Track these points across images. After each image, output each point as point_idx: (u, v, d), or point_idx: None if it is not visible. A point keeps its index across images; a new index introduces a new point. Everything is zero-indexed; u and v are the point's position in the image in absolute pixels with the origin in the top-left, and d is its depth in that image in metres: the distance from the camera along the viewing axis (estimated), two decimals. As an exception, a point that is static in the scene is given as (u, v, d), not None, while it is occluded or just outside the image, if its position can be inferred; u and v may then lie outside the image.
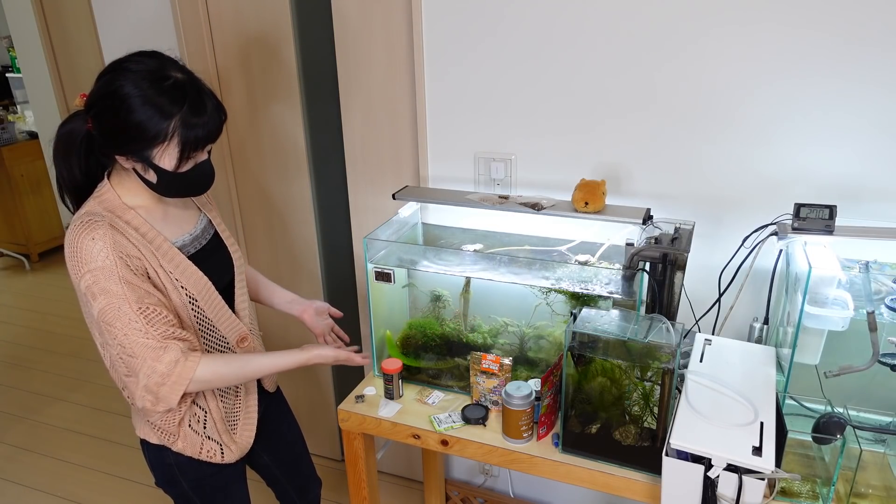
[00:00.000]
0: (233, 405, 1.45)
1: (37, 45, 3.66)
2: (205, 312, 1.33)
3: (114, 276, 1.17)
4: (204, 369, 1.23)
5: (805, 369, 1.37)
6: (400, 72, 1.85)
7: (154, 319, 1.20)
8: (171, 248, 1.28)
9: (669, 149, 1.61)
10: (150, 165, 1.19)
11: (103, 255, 1.16)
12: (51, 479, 2.63)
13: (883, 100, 1.41)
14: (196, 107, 1.18)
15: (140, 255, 1.22)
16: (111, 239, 1.17)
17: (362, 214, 2.10)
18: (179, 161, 1.19)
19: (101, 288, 1.17)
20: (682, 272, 1.39)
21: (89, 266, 1.16)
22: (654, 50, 1.54)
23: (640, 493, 1.35)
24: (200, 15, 2.04)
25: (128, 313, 1.17)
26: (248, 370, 1.33)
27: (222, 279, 1.40)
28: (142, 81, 1.15)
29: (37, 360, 3.54)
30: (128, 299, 1.17)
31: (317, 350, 1.41)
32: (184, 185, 1.25)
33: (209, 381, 1.25)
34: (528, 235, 1.75)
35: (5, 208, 4.60)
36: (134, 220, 1.24)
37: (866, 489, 1.26)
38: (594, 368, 1.37)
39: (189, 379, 1.21)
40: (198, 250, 1.35)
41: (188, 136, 1.17)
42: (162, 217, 1.30)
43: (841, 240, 1.38)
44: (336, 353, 1.44)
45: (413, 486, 2.49)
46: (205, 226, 1.41)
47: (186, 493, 1.45)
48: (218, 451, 1.42)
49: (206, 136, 1.20)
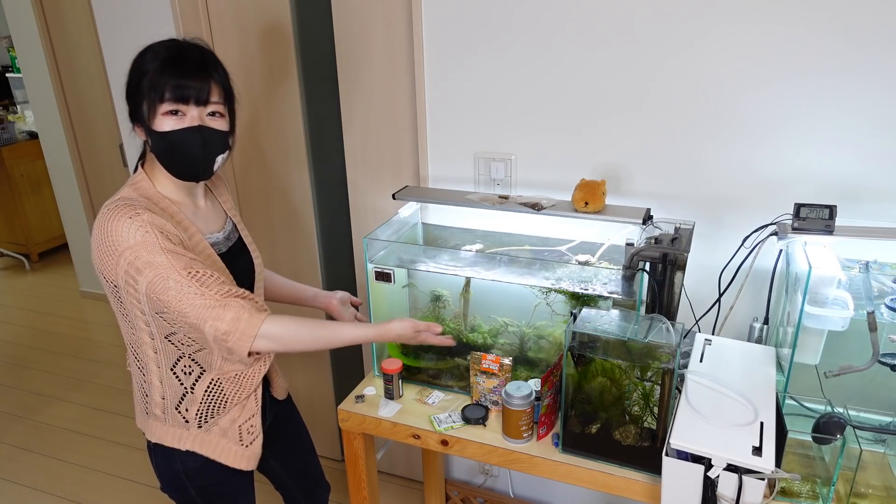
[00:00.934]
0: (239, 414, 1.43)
1: (37, 45, 3.65)
2: None
3: (155, 247, 1.15)
4: (271, 324, 1.20)
5: (805, 369, 1.37)
6: (400, 72, 1.85)
7: (207, 282, 1.18)
8: (203, 241, 1.29)
9: (669, 149, 1.61)
10: (143, 127, 1.22)
11: (141, 231, 1.15)
12: (51, 479, 2.63)
13: (883, 100, 1.41)
14: (173, 62, 1.19)
15: (179, 236, 1.21)
16: (147, 217, 1.17)
17: (362, 214, 2.10)
18: (150, 111, 1.19)
19: (145, 262, 1.14)
20: (682, 272, 1.39)
21: (127, 244, 1.15)
22: (655, 50, 1.54)
23: (640, 493, 1.35)
24: (200, 15, 2.04)
25: (178, 281, 1.15)
26: (324, 333, 1.29)
27: (244, 284, 1.40)
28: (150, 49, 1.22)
29: (37, 360, 3.54)
30: (175, 268, 1.15)
31: (397, 324, 1.38)
32: (171, 153, 1.23)
33: (280, 337, 1.22)
34: (528, 235, 1.75)
35: (5, 208, 4.60)
36: (170, 208, 1.26)
37: (866, 489, 1.26)
38: (594, 368, 1.37)
39: (253, 335, 1.18)
40: (225, 251, 1.37)
41: (156, 82, 1.18)
42: (193, 213, 1.32)
43: (841, 240, 1.38)
44: (414, 325, 1.39)
45: (413, 486, 2.49)
46: (232, 228, 1.43)
47: (194, 499, 1.44)
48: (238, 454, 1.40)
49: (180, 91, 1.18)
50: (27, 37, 3.68)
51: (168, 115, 1.20)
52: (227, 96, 1.27)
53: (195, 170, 1.26)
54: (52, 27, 3.62)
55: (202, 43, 1.27)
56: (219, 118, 1.26)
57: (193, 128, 1.22)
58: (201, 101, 1.21)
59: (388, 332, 1.38)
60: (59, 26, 3.60)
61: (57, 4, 3.55)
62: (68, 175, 3.95)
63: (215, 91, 1.23)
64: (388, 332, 1.38)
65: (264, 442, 1.55)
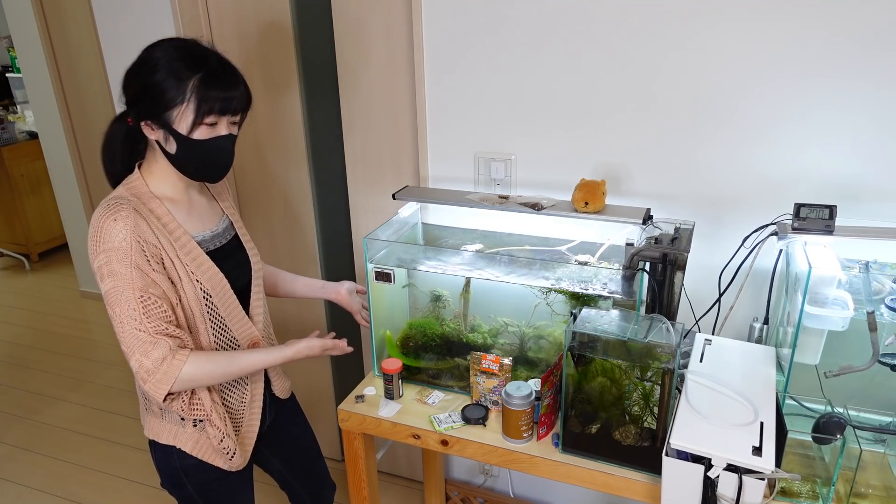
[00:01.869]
0: (237, 410, 1.45)
1: (37, 45, 3.66)
2: (218, 310, 1.34)
3: (126, 258, 1.19)
4: (190, 367, 1.22)
5: (805, 369, 1.37)
6: (400, 71, 1.85)
7: (151, 311, 1.21)
8: (191, 241, 1.30)
9: (669, 149, 1.61)
10: (169, 131, 1.22)
11: (121, 237, 1.19)
12: (51, 479, 2.63)
13: (883, 100, 1.41)
14: (215, 74, 1.22)
15: (158, 244, 1.24)
16: (133, 222, 1.20)
17: (362, 214, 2.10)
18: (193, 124, 1.21)
19: (111, 269, 1.19)
20: (682, 272, 1.39)
21: (106, 245, 1.19)
22: (655, 50, 1.54)
23: (640, 493, 1.35)
24: (200, 15, 2.04)
25: (129, 300, 1.19)
26: (235, 367, 1.31)
27: (239, 281, 1.41)
28: (171, 49, 1.22)
29: (37, 360, 3.54)
30: (133, 285, 1.19)
31: (304, 342, 1.41)
32: (201, 159, 1.26)
33: (196, 379, 1.25)
34: (528, 235, 1.75)
35: (5, 208, 4.60)
36: (158, 209, 1.27)
37: (866, 489, 1.26)
38: (594, 368, 1.37)
39: (174, 377, 1.21)
40: (217, 248, 1.37)
41: (203, 97, 1.20)
42: (186, 210, 1.33)
43: (841, 240, 1.38)
44: (322, 343, 1.44)
45: (413, 486, 2.49)
46: (227, 226, 1.44)
47: (192, 496, 1.45)
48: (231, 449, 1.42)
49: (224, 105, 1.23)
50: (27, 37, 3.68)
51: (203, 125, 1.23)
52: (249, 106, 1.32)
53: (222, 174, 1.31)
54: (52, 27, 3.62)
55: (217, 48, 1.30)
56: (235, 126, 1.30)
57: (226, 136, 1.27)
58: (237, 111, 1.27)
59: (297, 351, 1.40)
60: (59, 26, 3.60)
61: (57, 4, 3.55)
62: (68, 175, 3.95)
63: (245, 101, 1.29)
64: (297, 351, 1.40)
65: (266, 441, 1.55)
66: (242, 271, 1.43)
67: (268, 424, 1.54)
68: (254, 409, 1.47)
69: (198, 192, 1.40)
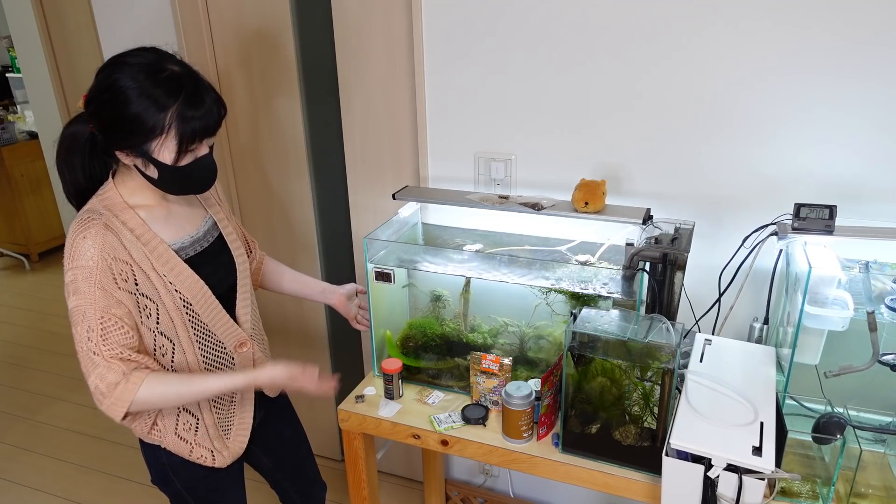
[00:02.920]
0: (227, 413, 1.45)
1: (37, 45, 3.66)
2: (200, 317, 1.32)
3: (91, 278, 1.18)
4: (144, 391, 1.21)
5: (805, 369, 1.37)
6: (400, 72, 1.85)
7: (110, 333, 1.19)
8: (167, 251, 1.27)
9: (669, 149, 1.61)
10: (149, 160, 1.18)
11: (88, 255, 1.18)
12: (51, 479, 2.63)
13: (883, 100, 1.41)
14: (193, 98, 1.17)
15: (129, 259, 1.21)
16: (101, 239, 1.18)
17: (362, 214, 2.10)
18: (178, 154, 1.18)
19: (77, 287, 1.18)
20: (682, 272, 1.39)
21: (75, 263, 1.18)
22: (655, 49, 1.54)
23: (640, 493, 1.35)
24: (200, 15, 2.04)
25: (90, 319, 1.18)
26: (193, 391, 1.27)
27: (223, 283, 1.39)
28: (138, 74, 1.15)
29: (37, 360, 3.54)
30: (95, 305, 1.18)
31: (268, 370, 1.34)
32: (185, 181, 1.24)
33: (152, 402, 1.24)
34: (528, 235, 1.75)
35: (5, 208, 4.60)
36: (131, 220, 1.24)
37: (866, 489, 1.26)
38: (594, 368, 1.37)
39: (129, 401, 1.20)
40: (198, 253, 1.34)
41: (185, 128, 1.16)
42: (164, 217, 1.30)
43: (841, 240, 1.38)
44: (288, 372, 1.35)
45: (413, 486, 2.49)
46: (209, 228, 1.39)
47: (181, 492, 1.45)
48: (209, 456, 1.42)
49: (204, 129, 1.19)
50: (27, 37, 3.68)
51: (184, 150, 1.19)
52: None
53: (208, 186, 1.29)
54: (52, 27, 3.62)
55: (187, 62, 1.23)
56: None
57: (205, 156, 1.24)
58: (217, 130, 1.23)
59: (257, 378, 1.34)
60: (59, 26, 3.60)
61: (57, 4, 3.55)
62: (68, 175, 3.95)
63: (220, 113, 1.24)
64: (257, 378, 1.34)
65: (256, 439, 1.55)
66: (226, 273, 1.40)
67: (257, 422, 1.54)
68: (245, 408, 1.47)
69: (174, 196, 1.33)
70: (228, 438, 1.45)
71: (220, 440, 1.43)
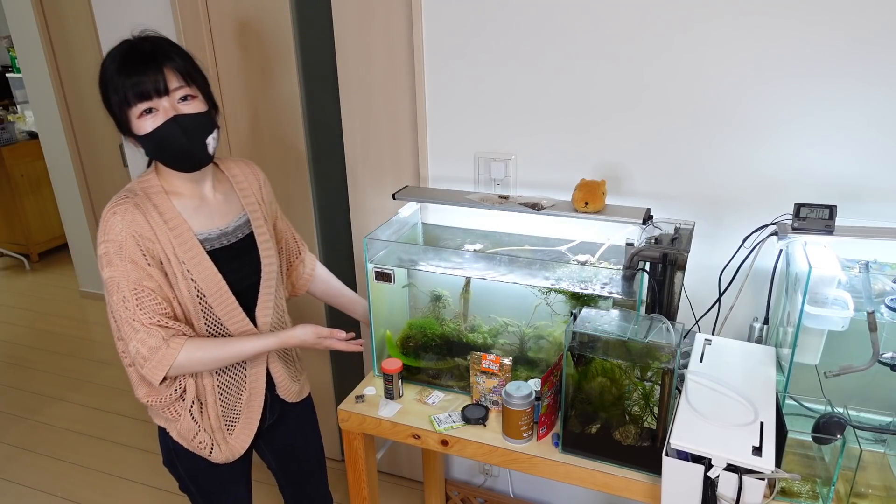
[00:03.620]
0: (233, 408, 1.44)
1: (37, 45, 3.66)
2: (213, 310, 1.34)
3: (122, 252, 1.23)
4: (184, 356, 1.26)
5: (805, 369, 1.36)
6: (400, 72, 1.85)
7: (145, 302, 1.24)
8: (192, 239, 1.30)
9: (669, 149, 1.61)
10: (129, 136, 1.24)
11: (117, 230, 1.23)
12: (51, 479, 2.63)
13: (883, 100, 1.41)
14: (123, 63, 1.19)
15: (154, 239, 1.25)
16: (129, 217, 1.24)
17: (362, 214, 2.10)
18: (128, 120, 1.22)
19: (110, 259, 1.24)
20: (682, 272, 1.39)
21: (106, 237, 1.24)
22: (655, 50, 1.54)
23: (640, 493, 1.35)
24: (200, 15, 2.04)
25: (124, 290, 1.24)
26: (229, 354, 1.32)
27: (243, 281, 1.39)
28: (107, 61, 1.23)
29: (37, 360, 3.54)
30: (127, 277, 1.23)
31: (298, 331, 1.39)
32: (160, 150, 1.25)
33: (190, 366, 1.29)
34: (528, 235, 1.75)
35: (5, 208, 4.60)
36: (162, 204, 1.28)
37: (866, 489, 1.26)
38: (594, 368, 1.37)
39: (169, 365, 1.25)
40: (223, 247, 1.35)
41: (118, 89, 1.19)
42: (195, 207, 1.33)
43: (841, 240, 1.38)
44: (316, 330, 1.39)
45: (413, 486, 2.49)
46: (241, 224, 1.41)
47: (184, 479, 1.48)
48: (208, 446, 1.42)
49: (137, 89, 1.19)
50: (27, 37, 3.68)
51: (143, 115, 1.21)
52: (189, 77, 1.25)
53: (189, 158, 1.27)
54: (52, 27, 3.62)
55: (153, 33, 1.26)
56: (192, 101, 1.25)
57: (169, 120, 1.22)
58: (162, 91, 1.20)
59: (290, 339, 1.38)
60: (59, 26, 3.60)
61: (57, 4, 3.55)
62: (68, 175, 3.95)
63: (172, 76, 1.21)
64: (290, 339, 1.38)
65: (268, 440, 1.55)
66: (250, 271, 1.41)
67: (268, 424, 1.54)
68: (252, 409, 1.47)
69: (212, 188, 1.38)
70: (231, 434, 1.45)
71: (220, 433, 1.43)
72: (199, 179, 1.35)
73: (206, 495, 1.51)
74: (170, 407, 1.38)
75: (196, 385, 1.38)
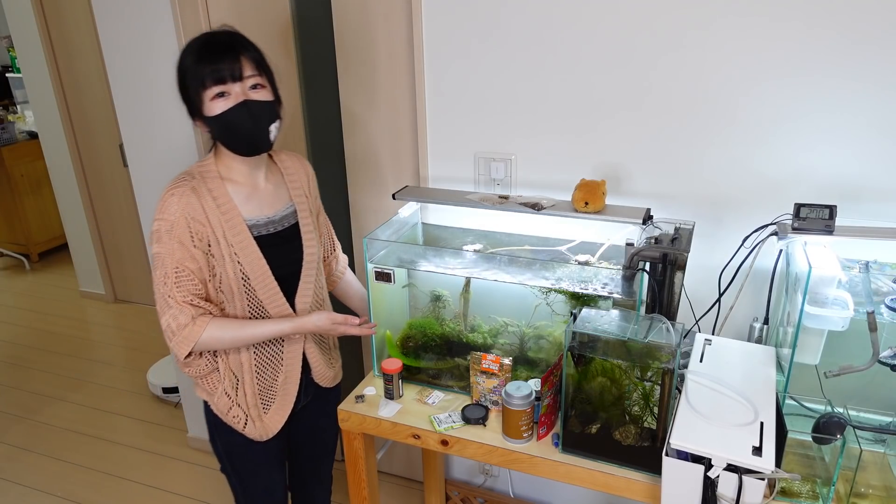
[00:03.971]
0: (269, 387, 1.51)
1: (37, 45, 3.66)
2: (256, 292, 1.41)
3: (172, 231, 1.32)
4: (207, 334, 1.35)
5: (805, 369, 1.37)
6: (400, 72, 1.85)
7: (183, 282, 1.34)
8: (241, 224, 1.38)
9: (669, 149, 1.61)
10: (200, 118, 1.33)
11: (171, 211, 1.32)
12: (51, 479, 2.63)
13: (883, 100, 1.41)
14: (203, 50, 1.29)
15: (206, 222, 1.34)
16: (185, 200, 1.33)
17: (362, 214, 2.10)
18: (201, 102, 1.30)
19: (159, 237, 1.34)
20: (682, 272, 1.39)
21: (160, 215, 1.34)
22: (655, 50, 1.54)
23: (640, 493, 1.35)
24: (200, 15, 2.04)
25: (167, 266, 1.33)
26: (247, 334, 1.39)
27: (285, 268, 1.45)
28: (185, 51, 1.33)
29: (37, 360, 3.54)
30: (172, 255, 1.33)
31: (314, 317, 1.44)
32: (226, 132, 1.33)
33: (212, 344, 1.37)
34: (528, 235, 1.75)
35: (5, 208, 4.60)
36: (217, 189, 1.37)
37: (866, 489, 1.26)
38: (594, 368, 1.37)
39: (194, 341, 1.35)
40: (270, 234, 1.43)
41: (196, 73, 1.29)
42: (247, 195, 1.41)
43: (841, 240, 1.38)
44: (331, 316, 1.45)
45: (413, 486, 2.49)
46: (287, 214, 1.48)
47: (221, 453, 1.57)
48: (242, 420, 1.49)
49: (213, 74, 1.28)
50: (27, 37, 3.68)
51: (215, 98, 1.30)
52: (261, 68, 1.35)
53: (251, 142, 1.36)
54: (52, 27, 3.62)
55: (230, 28, 1.36)
56: (261, 90, 1.34)
57: (239, 104, 1.31)
58: (237, 77, 1.30)
59: (306, 323, 1.44)
60: (59, 26, 3.60)
61: (57, 4, 3.55)
62: (68, 175, 3.95)
63: (247, 65, 1.31)
64: (306, 323, 1.44)
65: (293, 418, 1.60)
66: (292, 259, 1.48)
67: (300, 406, 1.60)
68: (287, 390, 1.53)
69: (265, 178, 1.46)
70: (266, 413, 1.51)
71: (256, 409, 1.50)
72: (255, 167, 1.43)
73: (239, 474, 1.59)
74: (206, 378, 1.46)
75: (231, 360, 1.46)
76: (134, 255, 4.01)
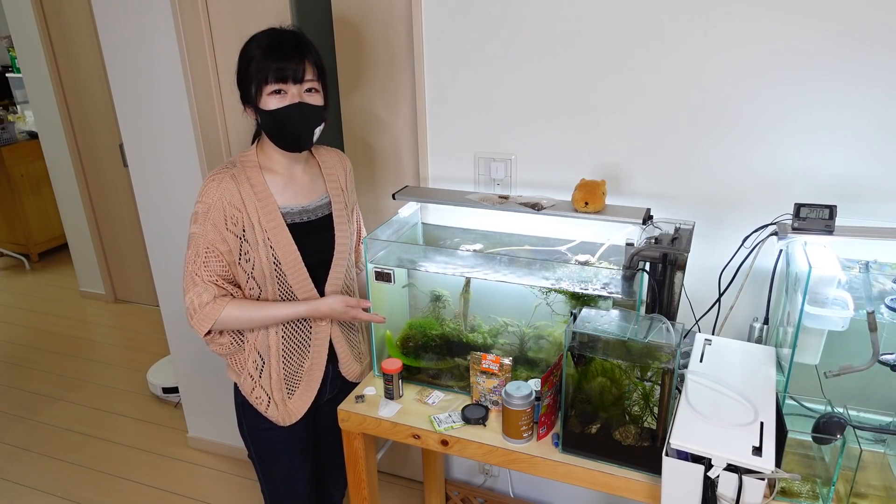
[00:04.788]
0: (295, 371, 1.56)
1: (37, 45, 3.66)
2: (286, 278, 1.48)
3: (208, 214, 1.41)
4: (226, 314, 1.43)
5: (805, 369, 1.37)
6: (400, 72, 1.85)
7: (211, 262, 1.42)
8: (276, 211, 1.45)
9: (669, 149, 1.61)
10: (253, 107, 1.40)
11: (210, 195, 1.41)
12: (51, 479, 2.63)
13: (883, 100, 1.41)
14: (272, 47, 1.36)
15: (242, 207, 1.42)
16: (224, 186, 1.41)
17: (362, 214, 2.10)
18: (259, 94, 1.37)
19: (197, 218, 1.42)
20: (682, 272, 1.39)
21: (201, 198, 1.42)
22: (655, 50, 1.54)
23: (640, 493, 1.35)
24: (200, 15, 2.04)
25: (198, 246, 1.42)
26: (264, 316, 1.46)
27: (315, 257, 1.51)
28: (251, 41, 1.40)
29: (37, 360, 3.54)
30: (205, 236, 1.41)
31: (328, 300, 1.50)
32: (276, 127, 1.39)
33: (230, 324, 1.45)
34: (528, 235, 1.75)
35: (5, 208, 4.60)
36: (255, 177, 1.45)
37: (866, 489, 1.26)
38: (594, 368, 1.37)
39: (214, 319, 1.42)
40: (303, 222, 1.50)
41: (260, 67, 1.36)
42: (284, 184, 1.48)
43: (841, 240, 1.38)
44: (345, 300, 1.51)
45: (413, 486, 2.49)
46: (322, 205, 1.54)
47: (246, 437, 1.63)
48: (265, 401, 1.55)
49: (279, 73, 1.35)
50: (27, 37, 3.68)
51: (273, 94, 1.37)
52: (320, 74, 1.42)
53: (297, 140, 1.43)
54: (52, 27, 3.62)
55: (297, 29, 1.43)
56: (314, 94, 1.41)
57: (294, 104, 1.38)
58: (298, 80, 1.37)
59: (320, 305, 1.50)
60: (59, 26, 3.60)
61: (57, 4, 3.55)
62: (68, 175, 3.95)
63: (310, 70, 1.38)
64: (320, 305, 1.50)
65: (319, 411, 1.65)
66: (323, 248, 1.54)
67: (326, 398, 1.64)
68: (313, 377, 1.58)
69: (302, 169, 1.52)
70: (291, 398, 1.58)
71: (280, 392, 1.55)
72: (294, 159, 1.50)
73: (262, 459, 1.64)
74: (233, 357, 1.54)
75: (258, 342, 1.52)
76: (134, 255, 4.00)
